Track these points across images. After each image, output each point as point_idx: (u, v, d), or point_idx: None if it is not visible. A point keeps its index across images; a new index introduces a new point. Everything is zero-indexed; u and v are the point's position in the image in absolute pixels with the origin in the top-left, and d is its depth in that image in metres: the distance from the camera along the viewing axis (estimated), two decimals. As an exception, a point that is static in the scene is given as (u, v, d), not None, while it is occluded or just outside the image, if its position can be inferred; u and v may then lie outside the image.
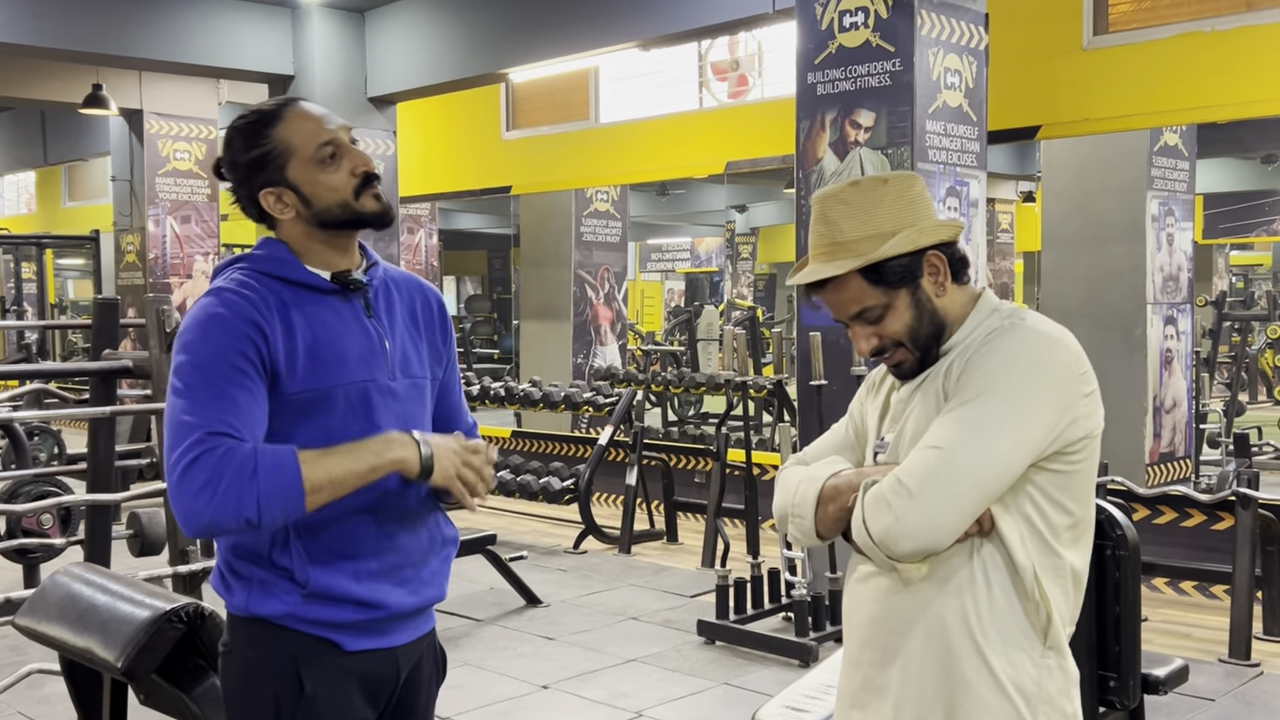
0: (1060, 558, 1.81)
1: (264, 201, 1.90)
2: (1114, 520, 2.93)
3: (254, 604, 1.85)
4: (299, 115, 1.89)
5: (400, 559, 1.91)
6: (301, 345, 1.84)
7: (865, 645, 1.90)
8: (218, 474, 1.71)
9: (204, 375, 1.78)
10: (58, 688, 4.27)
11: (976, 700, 1.78)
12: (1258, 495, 5.16)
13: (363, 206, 1.90)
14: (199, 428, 1.74)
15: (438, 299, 2.09)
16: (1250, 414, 11.94)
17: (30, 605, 2.38)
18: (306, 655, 1.85)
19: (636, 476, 7.44)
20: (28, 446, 7.02)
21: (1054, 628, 1.80)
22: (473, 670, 4.98)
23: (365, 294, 1.95)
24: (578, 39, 7.68)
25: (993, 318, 1.88)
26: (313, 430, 1.83)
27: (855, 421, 2.05)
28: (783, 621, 5.48)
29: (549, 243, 11.25)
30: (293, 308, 1.86)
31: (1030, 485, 1.78)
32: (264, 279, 1.88)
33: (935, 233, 1.85)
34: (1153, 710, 4.15)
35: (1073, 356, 1.81)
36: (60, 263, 21.03)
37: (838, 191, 1.88)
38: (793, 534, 1.94)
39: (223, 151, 1.94)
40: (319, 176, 1.88)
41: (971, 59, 5.70)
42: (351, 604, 1.86)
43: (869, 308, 1.86)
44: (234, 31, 8.59)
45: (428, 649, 2.04)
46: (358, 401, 1.88)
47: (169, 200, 11.25)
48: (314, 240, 1.92)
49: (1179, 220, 7.63)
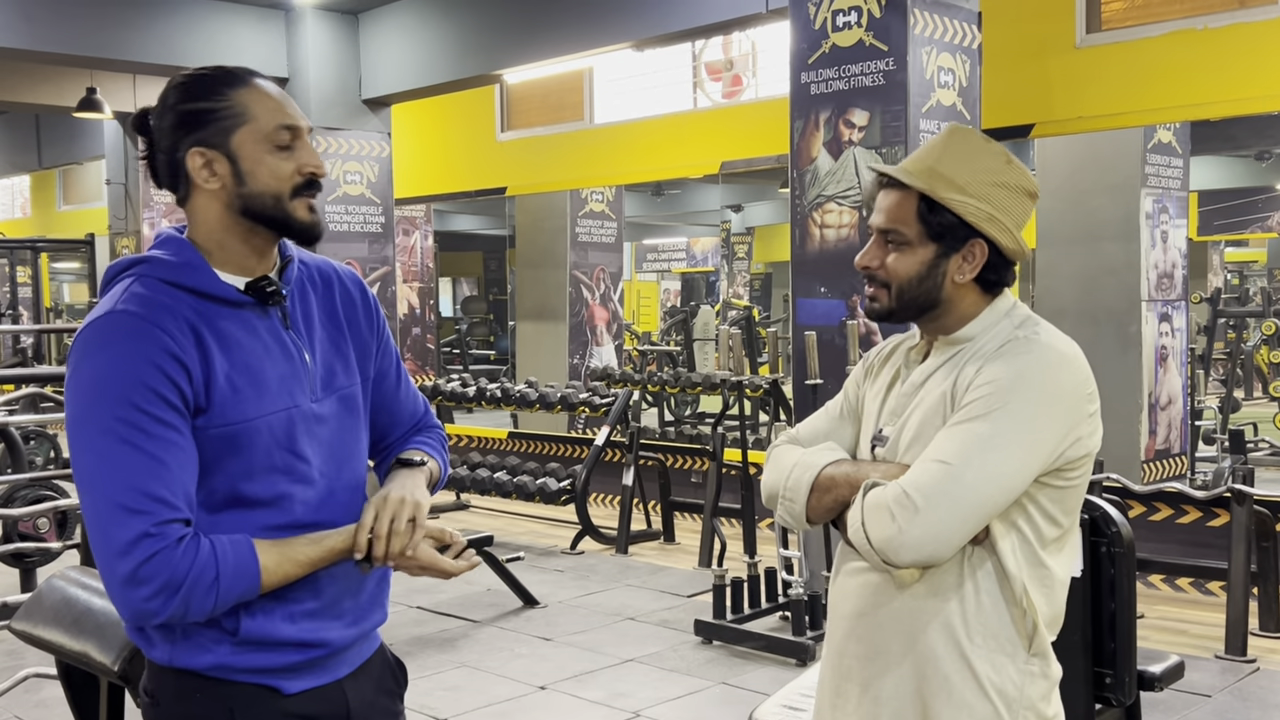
0: (1047, 568, 1.83)
1: (189, 161, 1.65)
2: (1109, 518, 2.94)
3: (179, 657, 1.66)
4: (264, 90, 1.68)
5: (338, 591, 1.74)
6: (220, 373, 1.62)
7: (850, 638, 1.91)
8: (176, 580, 1.54)
9: (120, 433, 1.54)
10: (55, 692, 4.27)
11: (959, 702, 1.80)
12: (1253, 491, 5.18)
13: (293, 210, 1.68)
14: (137, 515, 1.53)
15: (357, 284, 1.86)
16: (1246, 410, 11.95)
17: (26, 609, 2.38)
18: (244, 705, 1.68)
19: (633, 477, 7.44)
20: (24, 450, 7.02)
21: (1039, 634, 1.82)
22: (470, 671, 4.98)
23: (283, 305, 1.73)
24: (572, 40, 7.69)
25: (1004, 323, 1.86)
26: (232, 469, 1.64)
27: (851, 403, 2.03)
28: (780, 621, 5.49)
29: (544, 244, 11.25)
30: (203, 326, 1.63)
31: (1026, 499, 1.79)
32: (170, 290, 1.64)
33: (1001, 231, 1.83)
34: (1150, 706, 4.16)
35: (1083, 376, 1.81)
36: (55, 267, 20.99)
37: (970, 132, 1.88)
38: (780, 515, 1.94)
39: (157, 101, 1.69)
40: (265, 156, 1.66)
41: (965, 58, 5.71)
42: (291, 646, 1.69)
43: (900, 232, 1.85)
44: (228, 34, 8.59)
45: (378, 666, 1.87)
46: (281, 433, 1.67)
47: (164, 203, 11.25)
48: (229, 232, 1.68)
49: (1173, 217, 7.64)
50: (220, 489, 1.64)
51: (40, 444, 8.15)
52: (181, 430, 1.58)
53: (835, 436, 2.00)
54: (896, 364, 1.97)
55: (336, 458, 1.77)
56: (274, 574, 1.63)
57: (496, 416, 11.94)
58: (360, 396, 1.83)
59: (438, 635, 5.43)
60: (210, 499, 1.64)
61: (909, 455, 1.83)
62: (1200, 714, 4.37)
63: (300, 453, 1.70)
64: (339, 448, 1.76)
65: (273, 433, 1.67)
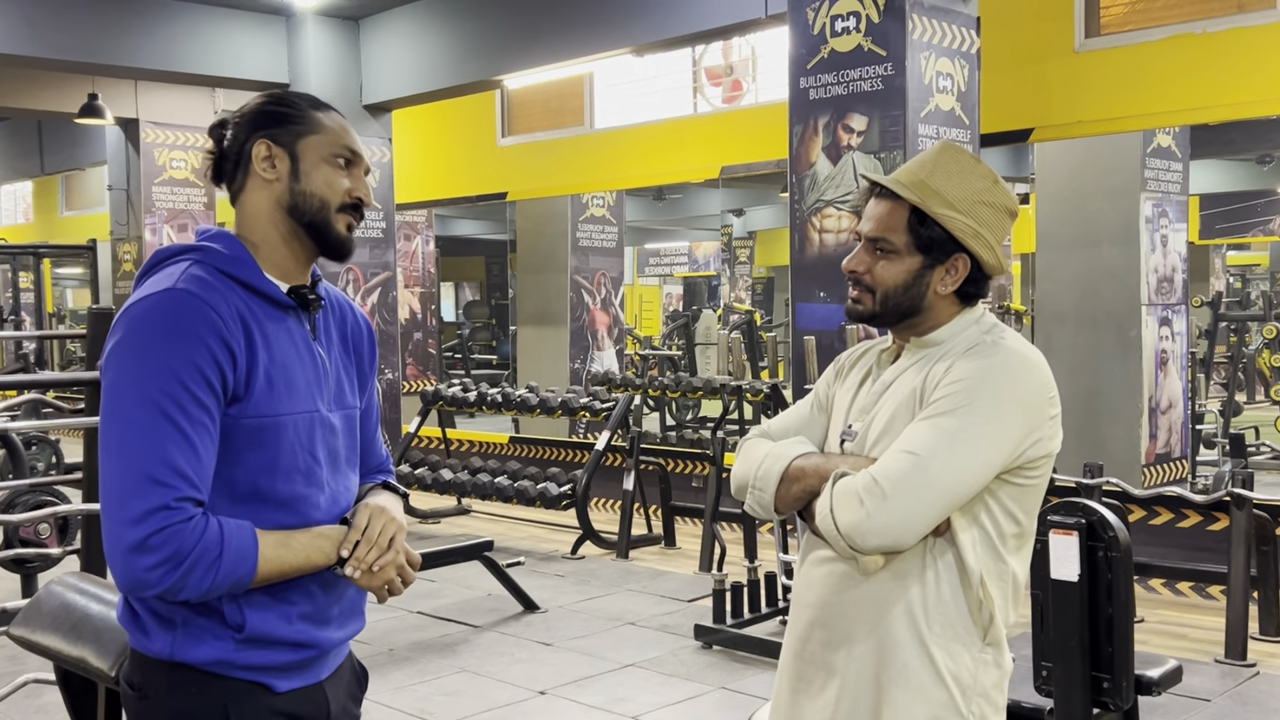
0: (1005, 564, 1.90)
1: (254, 150, 1.76)
2: (1105, 522, 2.95)
3: (180, 650, 1.70)
4: (340, 121, 1.82)
5: (327, 598, 1.80)
6: (261, 366, 1.69)
7: (815, 625, 1.98)
8: (181, 554, 1.58)
9: (163, 406, 1.60)
10: (54, 697, 4.27)
11: (916, 687, 1.87)
12: (1253, 496, 5.17)
13: (334, 221, 1.78)
14: (162, 488, 1.58)
15: (367, 324, 1.97)
16: (1247, 414, 11.95)
17: (25, 615, 2.38)
18: (237, 701, 1.72)
19: (634, 481, 7.44)
20: (25, 456, 7.03)
21: (995, 625, 1.90)
22: (470, 676, 4.99)
23: (313, 317, 1.82)
24: (572, 45, 7.70)
25: (972, 330, 1.96)
26: (256, 463, 1.70)
27: (821, 402, 2.11)
28: (780, 625, 5.49)
29: (546, 248, 11.27)
30: (250, 319, 1.70)
31: (988, 495, 1.88)
32: (223, 279, 1.71)
33: (985, 247, 1.93)
34: (1148, 711, 4.16)
35: (1044, 380, 1.91)
36: (58, 272, 21.04)
37: (960, 151, 1.96)
38: (750, 505, 2.01)
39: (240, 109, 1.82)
40: (323, 165, 1.77)
41: (963, 62, 5.71)
42: (287, 646, 1.75)
43: (889, 241, 1.93)
44: (229, 40, 8.61)
45: (348, 671, 1.95)
46: (304, 434, 1.75)
47: (165, 209, 11.27)
48: (275, 229, 1.77)
49: (1173, 221, 7.64)
50: (243, 482, 1.70)
51: (42, 449, 8.16)
52: (214, 415, 1.65)
53: (806, 432, 2.08)
54: (868, 364, 2.06)
55: (339, 471, 1.84)
56: (270, 563, 1.68)
57: (498, 421, 11.95)
58: (358, 421, 1.91)
59: (438, 640, 5.43)
60: (232, 490, 1.70)
61: (876, 449, 1.91)
62: (1200, 718, 4.37)
63: (317, 457, 1.77)
64: (341, 462, 1.84)
65: (297, 432, 1.74)
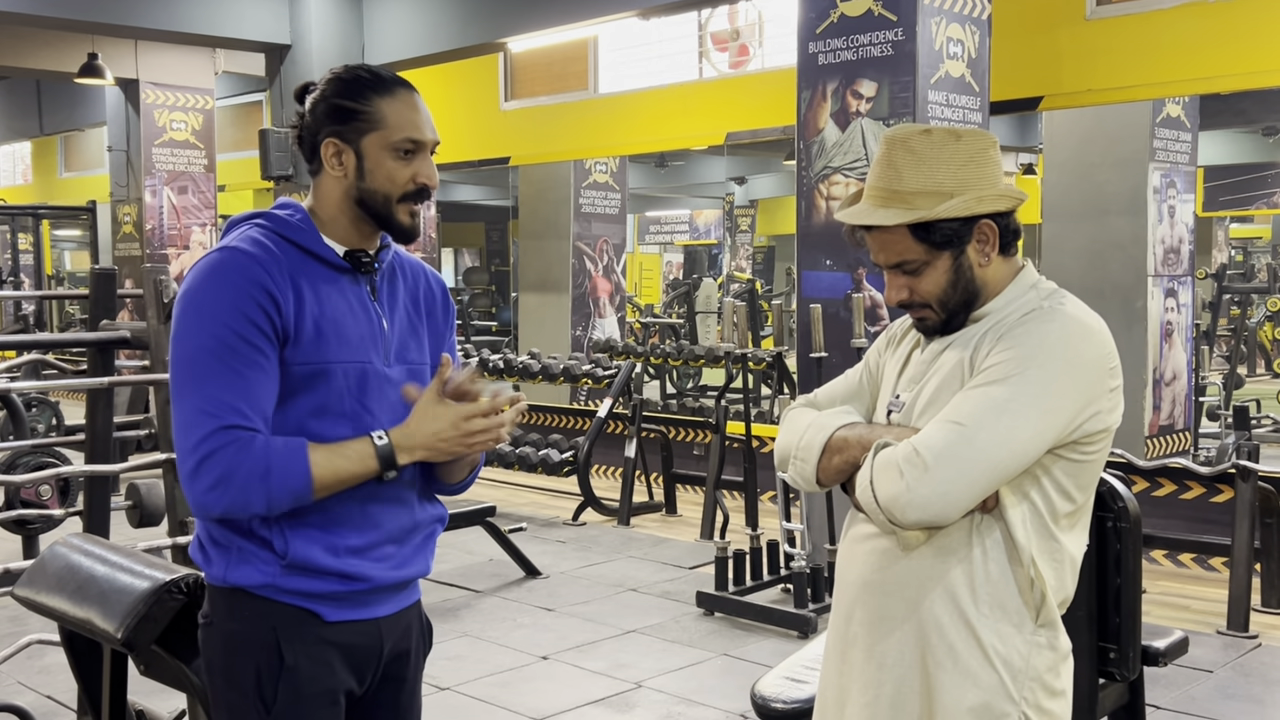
0: (1058, 542, 1.81)
1: (324, 148, 1.89)
2: (1115, 492, 2.92)
3: (232, 573, 1.85)
4: (407, 102, 1.89)
5: (380, 536, 1.90)
6: (309, 315, 1.84)
7: (856, 604, 1.90)
8: (230, 472, 1.74)
9: (215, 350, 1.77)
10: (58, 658, 4.28)
11: (964, 670, 1.78)
12: (1257, 468, 5.17)
13: (396, 212, 1.91)
14: (211, 417, 1.75)
15: (440, 284, 2.09)
16: (1249, 387, 11.93)
17: (29, 576, 2.37)
18: (287, 626, 1.84)
19: (635, 449, 7.44)
20: (26, 417, 7.01)
21: (1047, 605, 1.80)
22: (472, 641, 4.99)
23: (372, 278, 1.95)
24: (577, 8, 7.62)
25: (1030, 295, 1.85)
26: (307, 404, 1.84)
27: (871, 371, 2.03)
28: (781, 593, 5.49)
29: (548, 214, 11.20)
30: (301, 277, 1.86)
31: (1040, 470, 1.77)
32: (280, 242, 1.88)
33: (995, 202, 1.81)
34: (1152, 682, 4.16)
35: (1106, 349, 1.80)
36: (57, 234, 20.94)
37: (907, 137, 1.83)
38: (792, 476, 1.94)
39: (317, 85, 1.92)
40: (387, 161, 1.88)
41: (974, 28, 5.66)
42: (333, 576, 1.85)
43: (909, 261, 1.83)
44: (231, 1, 8.52)
45: (414, 620, 2.03)
46: (354, 382, 1.87)
47: (166, 171, 11.21)
48: (343, 213, 1.92)
49: (1180, 192, 7.60)
50: (291, 422, 1.83)
51: (42, 411, 8.15)
52: (269, 355, 1.80)
53: (853, 402, 2.00)
54: (919, 334, 1.96)
55: (400, 420, 1.91)
56: (326, 472, 1.79)
57: (499, 387, 11.92)
58: (427, 375, 2.00)
59: (440, 605, 5.43)
60: (282, 430, 1.82)
61: (923, 420, 1.81)
62: (1202, 689, 4.38)
63: (369, 406, 1.88)
64: (404, 413, 1.91)
65: (346, 379, 1.86)
